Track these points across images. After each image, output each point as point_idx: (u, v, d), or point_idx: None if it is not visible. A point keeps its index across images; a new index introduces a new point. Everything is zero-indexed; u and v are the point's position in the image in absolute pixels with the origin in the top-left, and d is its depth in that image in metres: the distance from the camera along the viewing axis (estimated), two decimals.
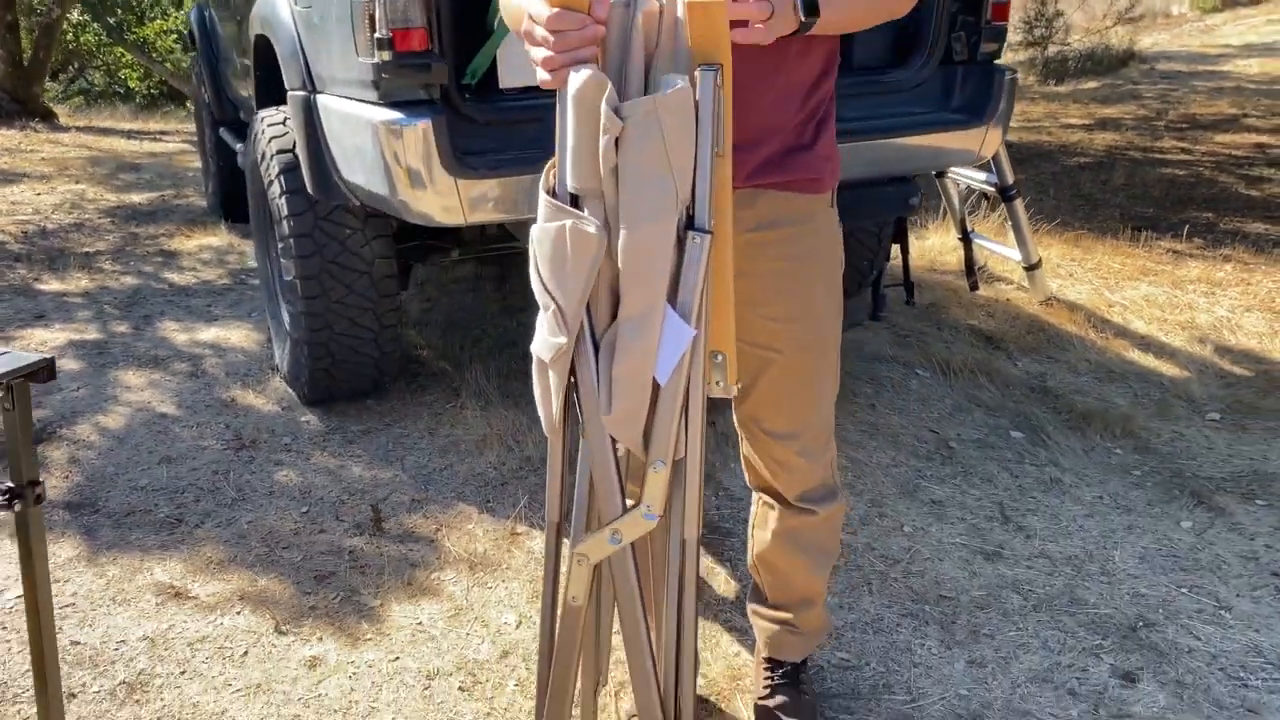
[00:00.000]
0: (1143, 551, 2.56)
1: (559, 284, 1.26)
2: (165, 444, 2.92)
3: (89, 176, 6.79)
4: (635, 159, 1.19)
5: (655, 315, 1.24)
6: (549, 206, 1.26)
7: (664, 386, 1.27)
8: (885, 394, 3.40)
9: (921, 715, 1.97)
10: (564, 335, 1.28)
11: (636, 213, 1.21)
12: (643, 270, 1.23)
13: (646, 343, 1.25)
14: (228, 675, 2.00)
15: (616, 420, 1.29)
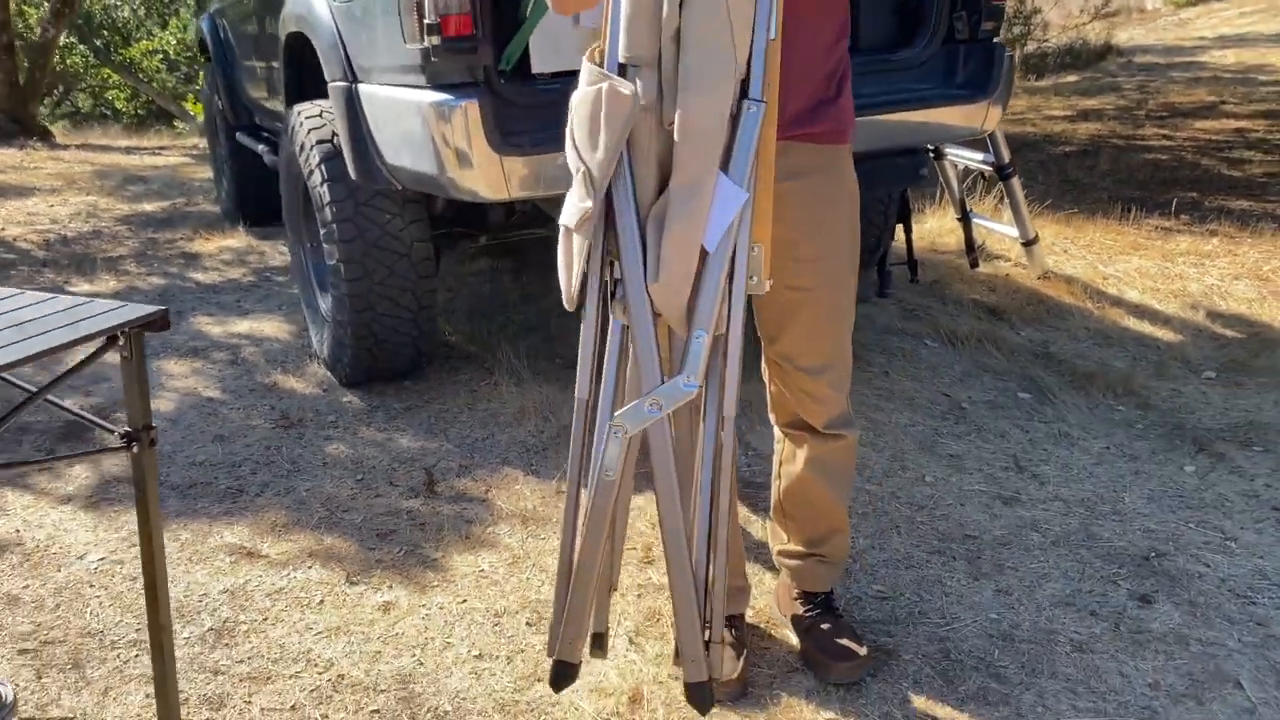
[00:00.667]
0: (1150, 493, 2.72)
1: (590, 145, 1.29)
2: (216, 424, 3.05)
3: (98, 189, 6.90)
4: (699, 26, 1.23)
5: (709, 180, 1.28)
6: (591, 72, 1.30)
7: (712, 254, 1.31)
8: (897, 362, 3.55)
9: (956, 637, 2.12)
10: (590, 199, 1.31)
11: (699, 78, 1.24)
12: (701, 135, 1.26)
13: (699, 207, 1.28)
14: (307, 620, 2.14)
15: (663, 287, 1.31)
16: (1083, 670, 2.02)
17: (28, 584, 2.25)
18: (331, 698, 1.91)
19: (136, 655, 2.02)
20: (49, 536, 2.44)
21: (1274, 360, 3.59)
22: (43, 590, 2.23)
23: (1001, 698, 1.94)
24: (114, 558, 2.36)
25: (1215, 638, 2.12)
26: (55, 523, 2.50)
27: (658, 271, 1.32)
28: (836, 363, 1.85)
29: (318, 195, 2.99)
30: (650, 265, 1.31)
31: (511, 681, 1.95)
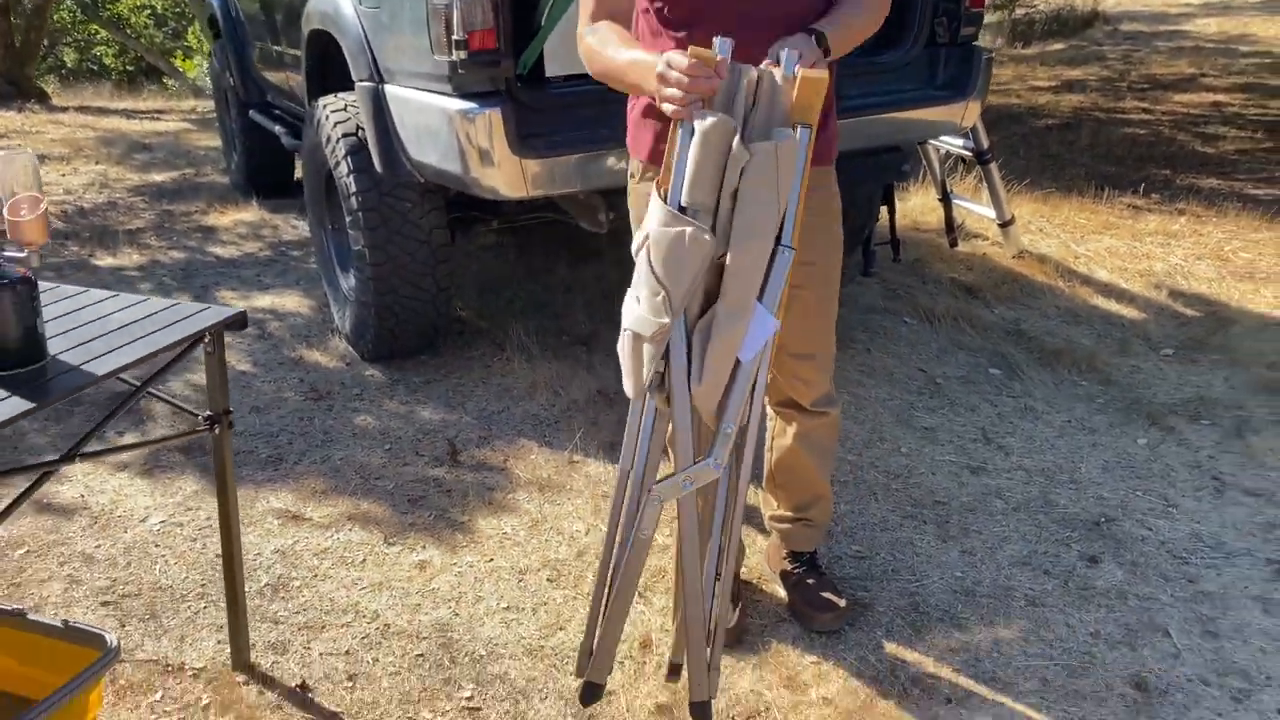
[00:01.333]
0: (1105, 463, 3.01)
1: (672, 276, 1.56)
2: (251, 397, 3.30)
3: (106, 157, 7.07)
4: (755, 187, 1.54)
5: (749, 308, 1.58)
6: (668, 214, 1.58)
7: (744, 364, 1.60)
8: (878, 340, 3.83)
9: (925, 592, 2.41)
10: (668, 316, 1.58)
11: (750, 228, 1.55)
12: (747, 272, 1.56)
13: (738, 329, 1.57)
14: (353, 577, 2.41)
15: (703, 390, 1.61)
16: (1034, 622, 2.31)
17: (99, 544, 2.52)
18: (380, 644, 2.19)
19: (205, 607, 2.29)
20: (112, 502, 2.71)
21: (1227, 339, 3.87)
22: (114, 549, 2.50)
23: (962, 645, 2.23)
24: (173, 520, 2.62)
25: (1151, 593, 2.42)
26: (116, 489, 2.77)
27: (700, 376, 1.60)
28: (823, 350, 2.13)
29: (344, 185, 3.22)
30: (694, 370, 1.60)
31: (537, 630, 2.24)
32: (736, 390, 1.61)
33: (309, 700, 2.02)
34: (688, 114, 1.57)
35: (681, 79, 1.56)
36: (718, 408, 1.62)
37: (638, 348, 1.63)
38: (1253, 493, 2.86)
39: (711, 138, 1.54)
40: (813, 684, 2.10)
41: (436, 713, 2.00)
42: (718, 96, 1.57)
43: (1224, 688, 2.12)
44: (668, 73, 1.58)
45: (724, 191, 1.56)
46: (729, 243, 1.56)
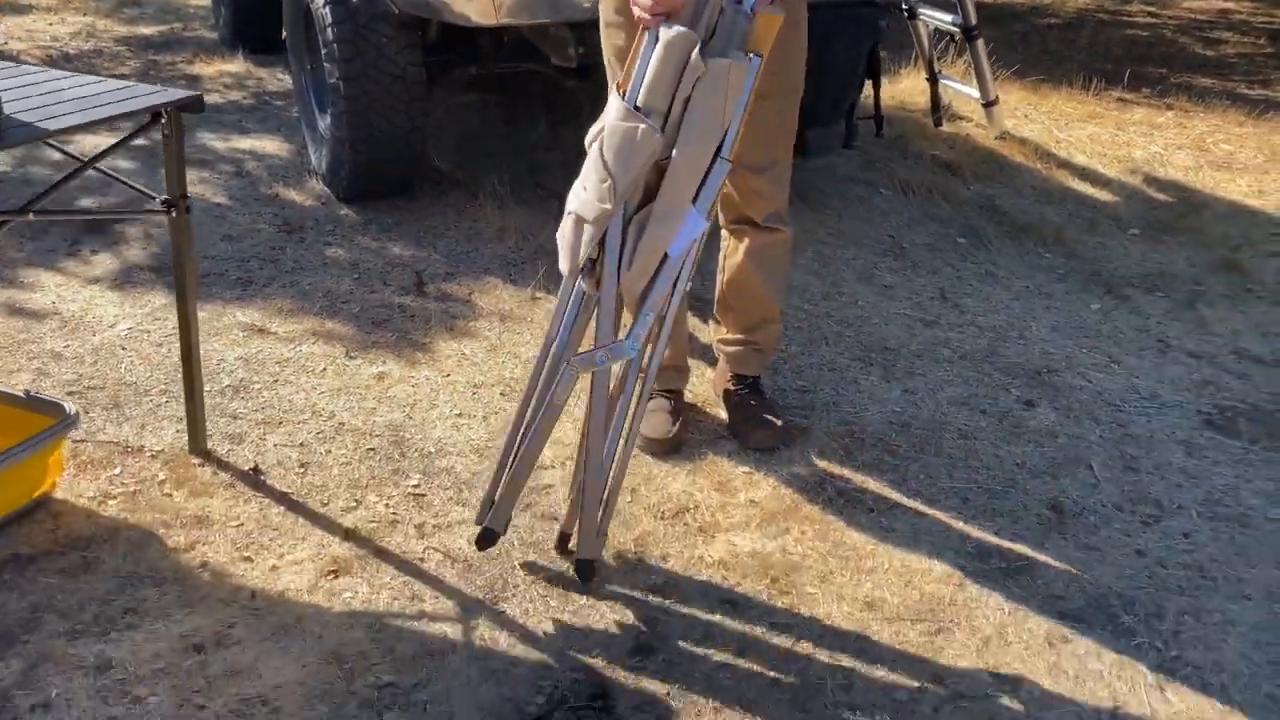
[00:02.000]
0: (1055, 323, 3.09)
1: (621, 166, 1.68)
2: (224, 226, 3.35)
3: (94, 9, 6.96)
4: (704, 98, 1.65)
5: (684, 208, 1.71)
6: (624, 111, 1.69)
7: (671, 258, 1.74)
8: (852, 208, 3.86)
9: (861, 422, 2.50)
10: (611, 203, 1.70)
11: (694, 134, 1.67)
12: (685, 175, 1.69)
13: (671, 225, 1.71)
14: (312, 383, 2.50)
15: (631, 276, 1.74)
16: (964, 452, 2.41)
17: (68, 344, 2.60)
18: (334, 439, 2.28)
19: (166, 401, 2.38)
20: (82, 309, 2.78)
21: (1197, 222, 3.92)
22: (82, 350, 2.58)
23: (891, 467, 2.33)
24: (141, 328, 2.70)
25: (1080, 434, 2.52)
26: (87, 299, 2.83)
27: (630, 263, 1.73)
28: (778, 163, 2.18)
29: (320, 17, 3.22)
30: (626, 257, 1.73)
31: (486, 434, 2.33)
32: (661, 281, 1.75)
33: (260, 482, 2.12)
34: (655, 23, 1.67)
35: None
36: (641, 295, 1.76)
37: (579, 229, 1.75)
38: (1195, 355, 2.94)
39: (674, 47, 1.65)
40: (742, 489, 2.20)
41: (383, 497, 2.10)
42: (684, 13, 1.68)
43: (1135, 514, 2.23)
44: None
45: (677, 98, 1.67)
46: (673, 146, 1.69)
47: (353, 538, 1.97)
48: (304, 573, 1.87)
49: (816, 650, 1.77)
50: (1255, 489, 2.33)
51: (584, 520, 1.84)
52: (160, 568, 1.85)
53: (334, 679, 1.64)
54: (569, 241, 1.78)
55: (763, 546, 2.03)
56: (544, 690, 1.65)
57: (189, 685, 1.60)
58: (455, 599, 1.83)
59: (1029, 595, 1.95)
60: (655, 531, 2.05)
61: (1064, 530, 2.15)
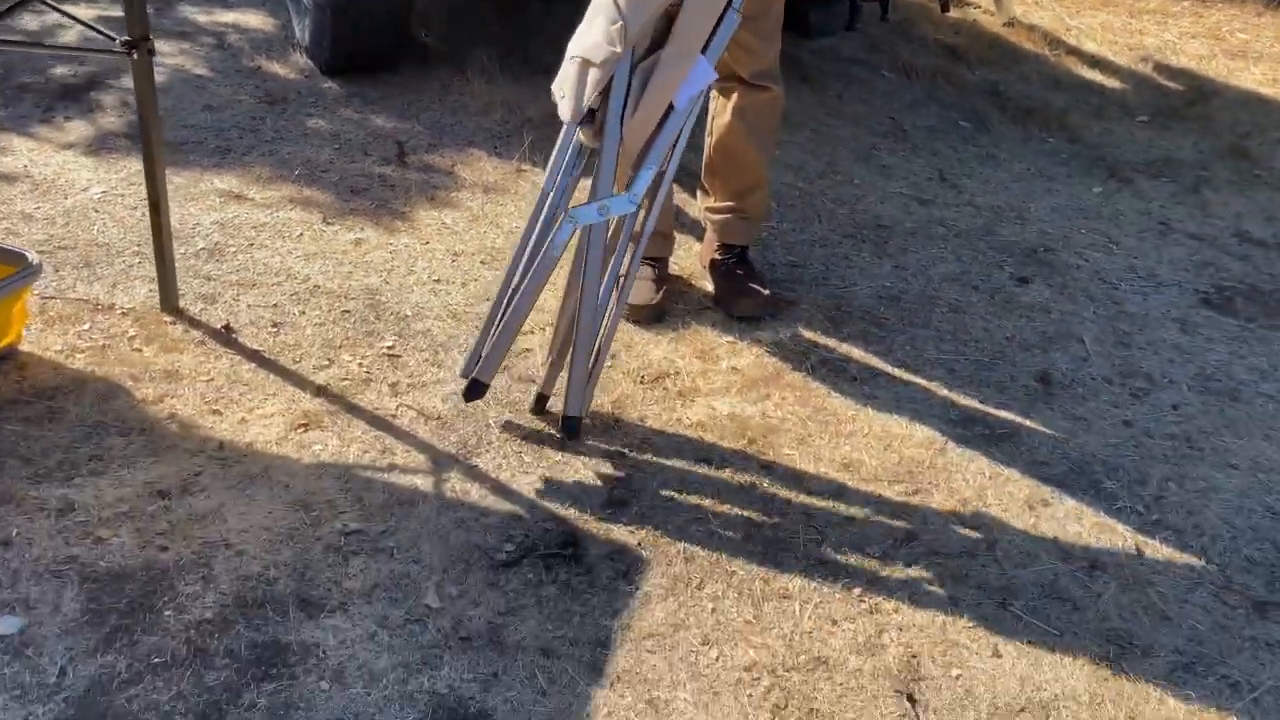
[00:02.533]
0: (1055, 205, 3.01)
1: (634, 9, 1.60)
2: (205, 96, 3.25)
3: None
4: None
5: (693, 57, 1.64)
6: None
7: (678, 109, 1.68)
8: (853, 89, 3.75)
9: (850, 296, 2.45)
10: (621, 46, 1.62)
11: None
12: (696, 22, 1.63)
13: (679, 74, 1.65)
14: (288, 247, 2.44)
15: (634, 125, 1.67)
16: (953, 325, 2.36)
17: (39, 205, 2.53)
18: (309, 300, 2.23)
19: (139, 262, 2.32)
20: (55, 173, 2.70)
21: (1207, 110, 3.80)
22: (53, 211, 2.51)
23: (878, 338, 2.28)
24: (115, 192, 2.63)
25: (1074, 310, 2.46)
26: (59, 163, 2.76)
27: (635, 111, 1.66)
28: (770, 13, 2.10)
29: None
30: (630, 105, 1.66)
31: (464, 299, 2.28)
32: (665, 133, 1.70)
33: (232, 340, 2.08)
34: None
35: None
36: (643, 148, 1.70)
37: (584, 72, 1.67)
38: (1196, 237, 2.87)
39: None
40: (725, 357, 2.16)
41: (357, 357, 2.06)
42: None
43: (1125, 386, 2.19)
44: None
45: None
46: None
47: (324, 394, 1.94)
48: (273, 426, 1.84)
49: (790, 507, 1.75)
50: (1248, 365, 2.29)
51: (572, 375, 1.80)
52: (127, 418, 1.82)
53: (300, 525, 1.62)
54: (572, 87, 1.70)
55: (742, 410, 1.99)
56: (514, 539, 1.63)
57: (152, 528, 1.58)
58: (427, 453, 1.80)
59: (1011, 460, 1.92)
60: (634, 395, 2.01)
61: (1051, 401, 2.12)
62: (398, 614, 1.47)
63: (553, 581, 1.55)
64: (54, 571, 1.48)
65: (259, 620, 1.43)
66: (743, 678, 1.42)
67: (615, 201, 1.72)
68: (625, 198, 1.72)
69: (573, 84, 1.71)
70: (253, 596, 1.47)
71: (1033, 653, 1.51)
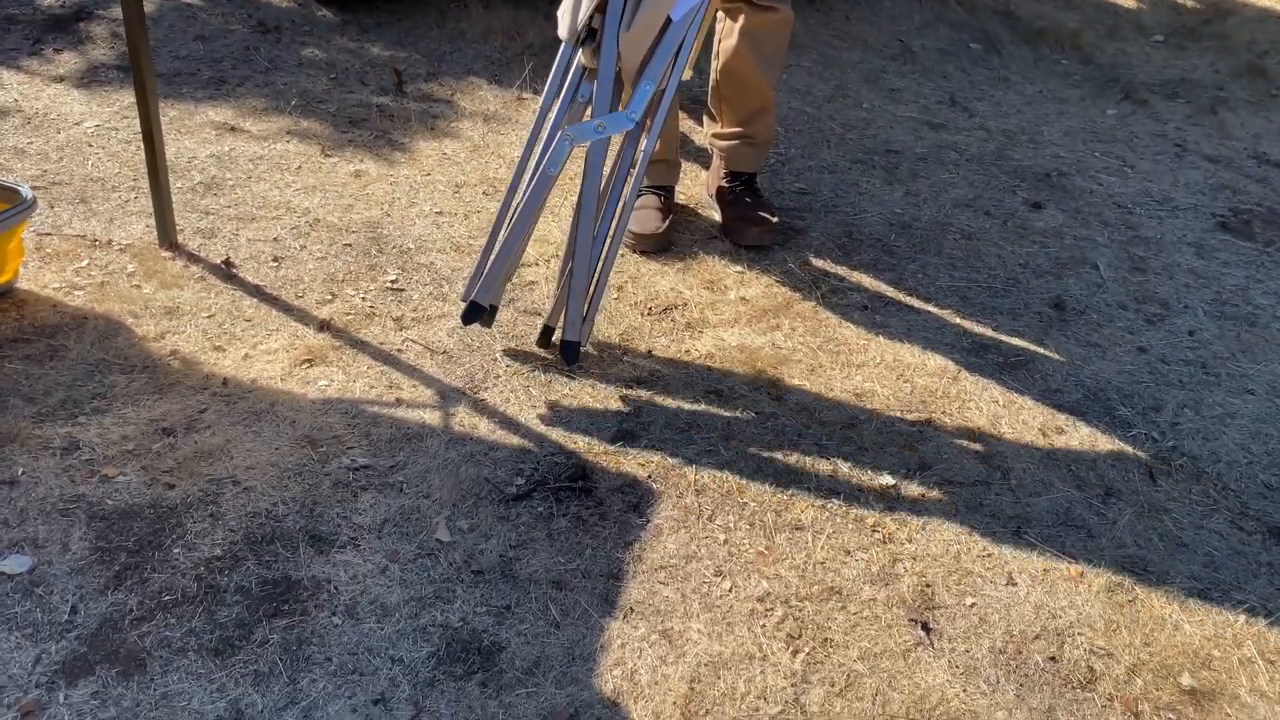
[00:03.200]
0: (1069, 128, 2.94)
1: None
2: (196, 26, 3.17)
3: None
4: None
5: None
6: None
7: (675, 22, 1.62)
8: (859, 9, 3.65)
9: (860, 223, 2.40)
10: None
11: None
12: None
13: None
14: (287, 180, 2.39)
15: (631, 38, 1.61)
16: (965, 252, 2.32)
17: (31, 140, 2.48)
18: (309, 234, 2.19)
19: (136, 197, 2.28)
20: (46, 107, 2.64)
21: (1223, 28, 3.70)
22: (46, 146, 2.46)
23: (889, 266, 2.24)
24: (108, 125, 2.57)
25: (1088, 235, 2.42)
26: (51, 97, 2.69)
27: (630, 24, 1.60)
28: None
29: None
30: (626, 19, 1.60)
31: (467, 231, 2.24)
32: (663, 48, 1.65)
33: (232, 275, 2.04)
34: None
35: None
36: (641, 63, 1.65)
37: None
38: (1212, 159, 2.81)
39: None
40: (733, 287, 2.12)
41: (359, 290, 2.03)
42: None
43: (1140, 312, 2.15)
44: None
45: None
46: None
47: (328, 329, 1.91)
48: (277, 361, 1.81)
49: (802, 439, 1.73)
50: (1266, 289, 2.25)
51: (571, 296, 1.77)
52: (129, 356, 1.80)
53: (307, 461, 1.60)
54: (569, 5, 1.67)
55: (751, 341, 1.96)
56: (524, 472, 1.61)
57: (158, 465, 1.56)
58: (434, 387, 1.78)
59: (1025, 388, 1.90)
60: (641, 327, 1.98)
61: (1065, 328, 2.08)
62: (409, 549, 1.46)
63: (563, 514, 1.53)
64: (61, 510, 1.47)
65: (269, 557, 1.43)
66: (756, 608, 1.41)
67: (613, 119, 1.67)
68: (623, 115, 1.67)
69: (569, 4, 1.66)
70: (262, 533, 1.46)
71: (1047, 580, 1.50)
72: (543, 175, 1.69)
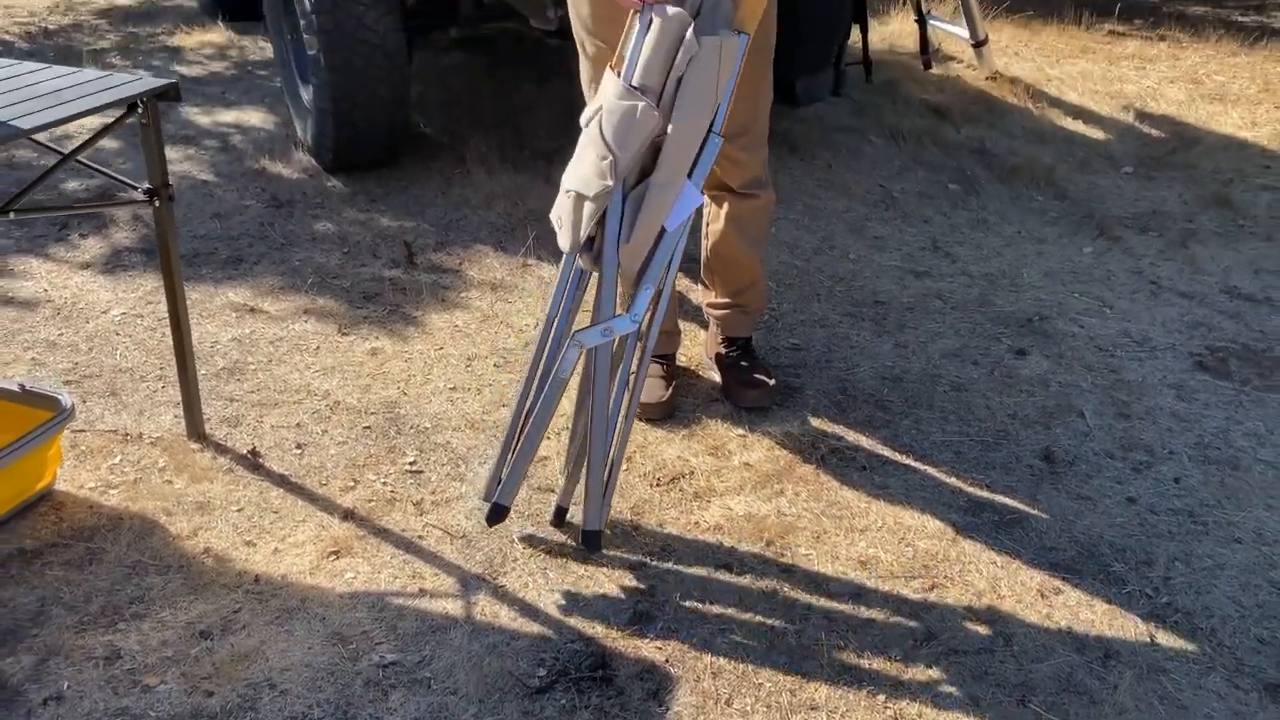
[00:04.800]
0: (1048, 269, 3.08)
1: (621, 143, 1.70)
2: (212, 204, 3.34)
3: None
4: (698, 76, 1.68)
5: (680, 182, 1.74)
6: (623, 89, 1.70)
7: (669, 232, 1.77)
8: (841, 157, 3.84)
9: (853, 378, 2.51)
10: (612, 180, 1.71)
11: (689, 110, 1.69)
12: (681, 150, 1.72)
13: (669, 199, 1.74)
14: (306, 361, 2.51)
15: (630, 249, 1.76)
16: (956, 405, 2.42)
17: (62, 332, 2.61)
18: (330, 418, 2.30)
19: (163, 387, 2.39)
20: (74, 295, 2.78)
21: (1188, 157, 3.89)
22: (76, 337, 2.59)
23: (884, 423, 2.35)
24: (134, 312, 2.70)
25: (1073, 381, 2.53)
26: (78, 285, 2.84)
27: (629, 237, 1.75)
28: (751, 130, 2.16)
29: None
30: (624, 231, 1.75)
31: (481, 407, 2.35)
32: (659, 255, 1.78)
33: (259, 465, 2.14)
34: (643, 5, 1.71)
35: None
36: (640, 269, 1.79)
37: (579, 206, 1.77)
38: (1186, 295, 2.94)
39: (668, 28, 1.68)
40: (737, 452, 2.22)
41: (380, 475, 2.13)
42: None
43: (1127, 460, 2.25)
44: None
45: (670, 76, 1.70)
46: (669, 122, 1.72)
47: (352, 518, 2.00)
48: (305, 555, 1.89)
49: (812, 612, 1.80)
50: (1246, 430, 2.35)
51: (589, 491, 1.86)
52: (164, 555, 1.88)
53: (339, 660, 1.67)
54: (570, 219, 1.79)
55: (758, 509, 2.05)
56: (545, 662, 1.68)
57: (197, 672, 1.63)
58: (455, 575, 1.86)
59: (1021, 548, 1.98)
60: (651, 499, 2.07)
61: (1056, 480, 2.17)
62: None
63: (586, 706, 1.60)
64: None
65: None
66: None
67: (618, 322, 1.79)
68: (627, 318, 1.79)
69: (569, 216, 1.79)
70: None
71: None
72: (554, 380, 1.81)
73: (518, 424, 1.91)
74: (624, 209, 1.76)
